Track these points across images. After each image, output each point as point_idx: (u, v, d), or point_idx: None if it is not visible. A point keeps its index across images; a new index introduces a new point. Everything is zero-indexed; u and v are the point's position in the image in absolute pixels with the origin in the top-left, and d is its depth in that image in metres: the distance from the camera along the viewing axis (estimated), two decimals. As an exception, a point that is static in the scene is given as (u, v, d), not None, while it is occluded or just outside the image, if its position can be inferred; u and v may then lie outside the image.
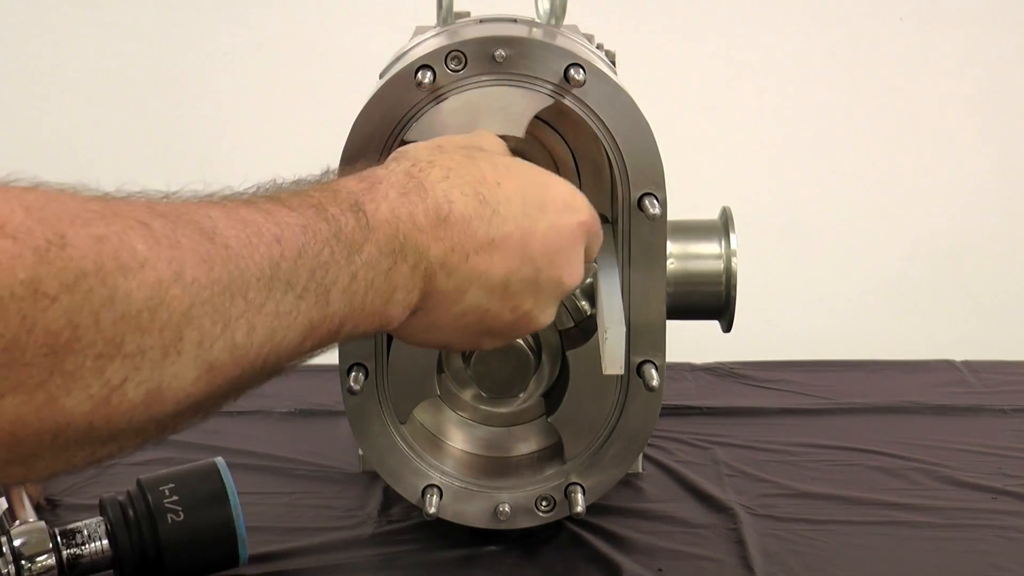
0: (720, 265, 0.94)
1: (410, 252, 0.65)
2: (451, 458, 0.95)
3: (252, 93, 2.15)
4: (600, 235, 0.76)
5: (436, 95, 0.85)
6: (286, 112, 2.13)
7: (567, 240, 0.71)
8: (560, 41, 0.87)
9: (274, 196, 0.61)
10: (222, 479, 0.88)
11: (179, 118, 2.14)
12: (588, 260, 0.76)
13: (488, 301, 0.69)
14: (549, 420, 0.93)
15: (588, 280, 0.88)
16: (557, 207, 0.71)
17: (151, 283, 0.50)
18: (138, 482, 0.88)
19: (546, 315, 0.73)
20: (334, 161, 0.86)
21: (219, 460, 0.90)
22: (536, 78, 0.85)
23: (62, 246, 0.47)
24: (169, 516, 0.86)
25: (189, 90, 2.15)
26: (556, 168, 0.91)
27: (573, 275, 0.73)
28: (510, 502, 0.92)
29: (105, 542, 0.85)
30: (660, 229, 0.88)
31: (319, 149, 1.10)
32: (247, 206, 0.58)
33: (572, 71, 0.84)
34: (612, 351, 0.78)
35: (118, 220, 0.50)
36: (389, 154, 0.85)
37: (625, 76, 0.92)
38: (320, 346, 0.62)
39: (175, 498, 0.86)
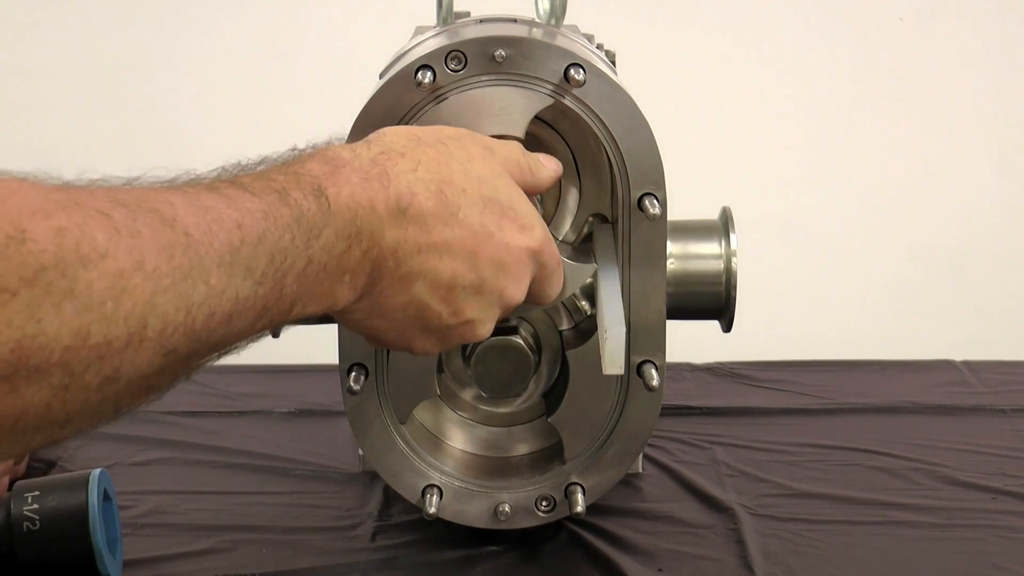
0: (720, 265, 0.94)
1: (365, 237, 0.65)
2: (451, 458, 0.95)
3: (252, 94, 2.15)
4: (553, 272, 0.76)
5: (436, 95, 0.85)
6: (286, 112, 2.13)
7: (514, 258, 0.72)
8: (560, 41, 0.87)
9: (237, 181, 0.61)
10: (86, 492, 0.86)
11: (177, 119, 2.14)
12: (541, 295, 0.77)
13: (431, 298, 0.70)
14: (549, 420, 0.93)
15: (588, 280, 0.88)
16: (514, 227, 0.72)
17: (112, 273, 0.50)
18: (11, 485, 0.87)
19: (485, 328, 0.73)
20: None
21: (98, 472, 0.88)
22: (536, 78, 0.85)
23: (22, 241, 0.48)
24: (25, 524, 0.85)
25: (187, 91, 2.15)
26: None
27: (516, 293, 0.73)
28: (510, 502, 0.92)
29: None
30: (660, 229, 0.88)
31: (319, 149, 1.10)
32: (209, 192, 0.58)
33: (572, 71, 0.84)
34: (612, 351, 0.78)
35: (79, 211, 0.51)
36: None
37: (625, 76, 0.92)
38: (269, 327, 0.63)
39: (36, 507, 0.85)
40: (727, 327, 0.96)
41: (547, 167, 0.80)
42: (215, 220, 0.57)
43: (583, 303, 0.94)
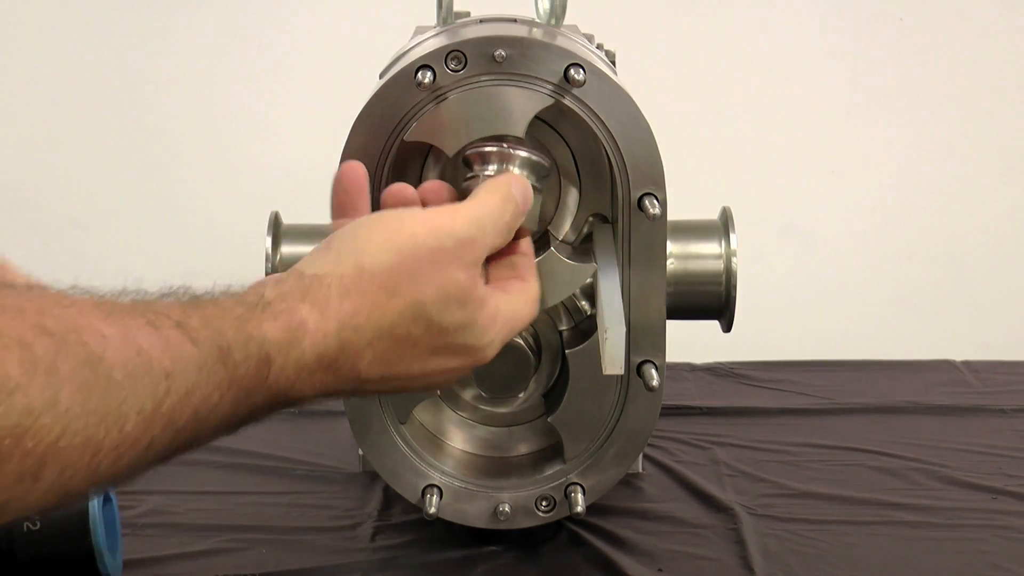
0: (720, 265, 0.94)
1: (293, 401, 0.63)
2: (451, 458, 0.95)
3: (252, 93, 2.15)
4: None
5: (436, 95, 0.85)
6: (286, 112, 2.13)
7: (442, 383, 0.70)
8: (560, 41, 0.87)
9: (183, 322, 0.57)
10: None
11: (178, 119, 2.14)
12: None
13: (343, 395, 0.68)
14: (549, 420, 0.93)
15: (588, 280, 0.88)
16: (452, 376, 0.69)
17: (20, 410, 0.48)
18: None
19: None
20: (333, 161, 0.86)
21: None
22: (536, 78, 0.85)
23: None
24: (25, 524, 0.85)
25: (188, 91, 2.15)
26: (557, 169, 0.91)
27: (450, 382, 0.72)
28: (510, 502, 0.92)
29: None
30: (660, 229, 0.88)
31: (319, 149, 1.10)
32: (148, 329, 0.55)
33: (572, 71, 0.84)
34: (612, 351, 0.78)
35: None
36: (390, 156, 0.85)
37: (625, 76, 0.92)
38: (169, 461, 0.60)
39: None
40: (727, 327, 0.96)
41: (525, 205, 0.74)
42: (144, 364, 0.54)
43: (583, 303, 0.94)
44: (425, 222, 0.67)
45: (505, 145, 0.79)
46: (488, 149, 0.79)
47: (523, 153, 0.78)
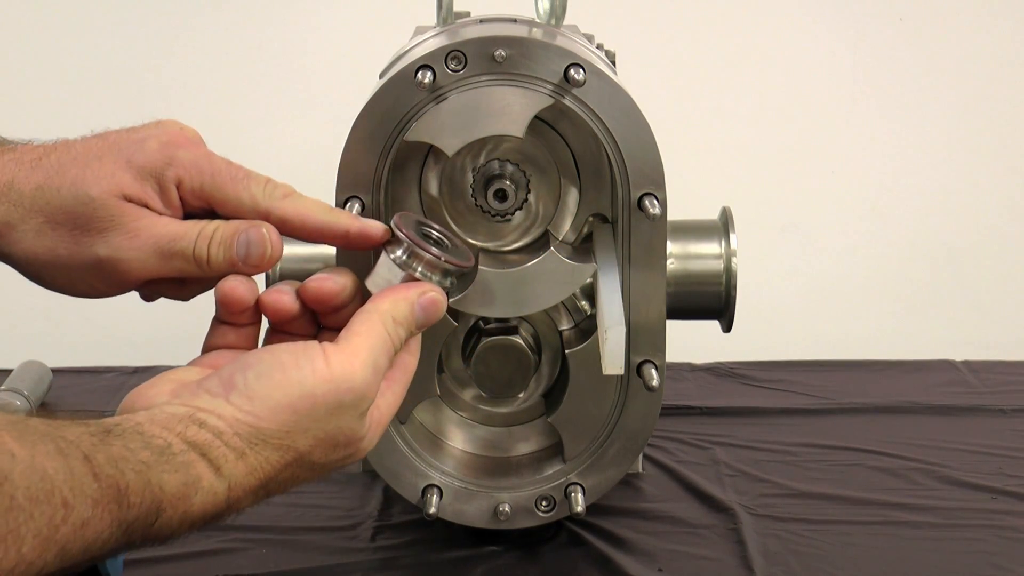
0: (720, 265, 0.94)
1: (165, 542, 0.64)
2: (451, 458, 0.95)
3: (252, 93, 2.15)
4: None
5: (436, 95, 0.85)
6: (286, 112, 2.13)
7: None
8: (560, 41, 0.87)
9: (90, 456, 0.58)
10: None
11: (178, 119, 2.14)
12: None
13: None
14: (549, 420, 0.93)
15: (588, 280, 0.88)
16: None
17: None
18: None
19: None
20: (334, 160, 0.86)
21: None
22: (536, 78, 0.85)
23: None
24: None
25: (188, 91, 2.15)
26: (557, 169, 0.91)
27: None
28: (510, 502, 0.92)
29: None
30: (660, 229, 0.88)
31: (319, 149, 1.10)
32: (57, 457, 0.57)
33: (572, 71, 0.84)
34: (612, 351, 0.78)
35: None
36: (390, 156, 0.85)
37: (625, 76, 0.92)
38: None
39: None
40: (727, 327, 0.96)
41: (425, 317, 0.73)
42: (46, 491, 0.55)
43: (583, 303, 0.94)
44: (325, 374, 0.67)
45: (433, 234, 0.75)
46: (400, 235, 0.73)
47: (429, 256, 0.73)
